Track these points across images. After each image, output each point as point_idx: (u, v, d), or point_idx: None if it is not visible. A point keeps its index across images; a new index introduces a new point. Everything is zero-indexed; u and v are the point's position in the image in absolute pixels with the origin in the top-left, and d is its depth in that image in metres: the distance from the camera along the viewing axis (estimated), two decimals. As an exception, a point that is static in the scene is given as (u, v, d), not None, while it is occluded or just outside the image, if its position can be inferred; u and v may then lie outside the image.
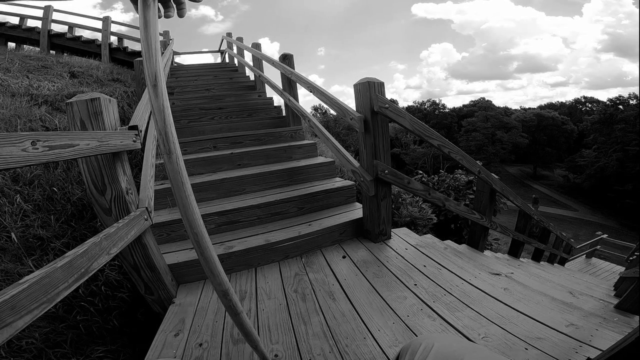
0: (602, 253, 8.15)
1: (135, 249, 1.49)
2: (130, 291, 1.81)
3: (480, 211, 2.75)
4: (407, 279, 1.81)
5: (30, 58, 5.42)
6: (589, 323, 1.55)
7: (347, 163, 2.32)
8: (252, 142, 3.53)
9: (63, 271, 0.86)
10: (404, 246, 2.24)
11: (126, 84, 5.44)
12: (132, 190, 1.48)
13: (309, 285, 1.80)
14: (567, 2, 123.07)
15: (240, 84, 6.05)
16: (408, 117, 2.04)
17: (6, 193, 2.10)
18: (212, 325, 1.51)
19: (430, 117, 49.34)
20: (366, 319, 1.47)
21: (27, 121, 2.95)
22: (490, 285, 1.77)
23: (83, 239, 2.05)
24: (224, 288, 0.72)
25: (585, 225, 24.50)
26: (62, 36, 7.42)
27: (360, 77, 2.12)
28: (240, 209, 2.37)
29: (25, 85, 3.94)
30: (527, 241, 3.63)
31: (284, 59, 3.77)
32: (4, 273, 1.64)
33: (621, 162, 28.38)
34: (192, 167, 2.95)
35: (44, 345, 1.43)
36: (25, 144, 0.80)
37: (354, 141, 26.25)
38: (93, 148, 1.11)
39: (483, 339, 1.31)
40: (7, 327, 0.67)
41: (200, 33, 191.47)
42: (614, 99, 35.04)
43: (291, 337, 1.39)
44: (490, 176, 2.61)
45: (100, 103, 1.30)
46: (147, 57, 0.59)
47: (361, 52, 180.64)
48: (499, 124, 39.90)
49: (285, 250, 2.14)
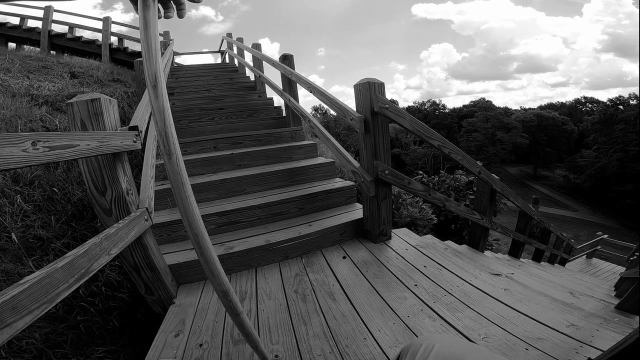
0: (602, 253, 8.14)
1: (135, 250, 1.49)
2: (130, 291, 1.81)
3: (480, 212, 2.75)
4: (408, 279, 1.81)
5: (30, 58, 5.43)
6: (590, 323, 1.55)
7: (347, 163, 2.32)
8: (253, 143, 3.53)
9: (63, 271, 0.86)
10: (404, 246, 2.24)
11: (126, 84, 5.45)
12: (133, 190, 1.48)
13: (309, 286, 1.80)
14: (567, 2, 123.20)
15: (241, 84, 6.05)
16: (408, 117, 2.04)
17: (7, 193, 2.10)
18: (213, 325, 1.51)
19: (431, 117, 49.33)
20: (366, 320, 1.47)
21: (27, 121, 2.95)
22: (490, 286, 1.77)
23: (83, 239, 2.05)
24: (224, 288, 0.72)
25: (586, 225, 24.48)
26: (62, 36, 7.44)
27: (361, 78, 2.12)
28: (240, 209, 2.37)
29: (25, 85, 3.95)
30: (527, 242, 3.63)
31: (284, 60, 3.78)
32: (4, 273, 1.64)
33: (621, 162, 28.36)
34: (193, 168, 2.95)
35: (44, 346, 1.43)
36: (26, 145, 0.80)
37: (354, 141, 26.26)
38: (93, 148, 1.11)
39: (483, 339, 1.31)
40: (8, 328, 0.67)
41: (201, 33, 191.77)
42: (614, 99, 35.00)
43: (291, 338, 1.39)
44: (491, 176, 2.61)
45: (101, 104, 1.30)
46: (147, 57, 0.60)
47: (361, 53, 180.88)
48: (499, 124, 39.89)
49: (285, 251, 2.14)
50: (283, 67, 3.57)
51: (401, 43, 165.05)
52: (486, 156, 36.10)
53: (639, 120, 29.69)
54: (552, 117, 40.02)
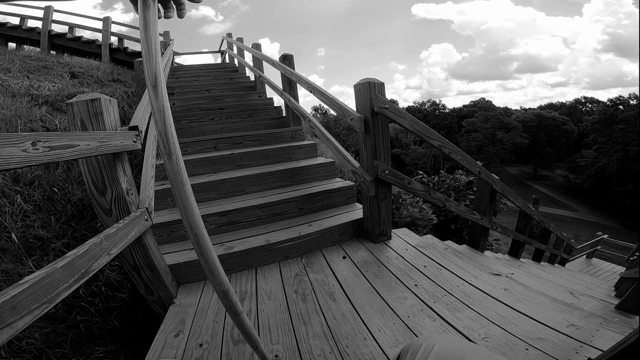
0: (602, 253, 8.14)
1: (135, 250, 1.49)
2: (130, 291, 1.81)
3: (480, 212, 2.75)
4: (408, 279, 1.81)
5: (30, 58, 5.43)
6: (590, 323, 1.55)
7: (347, 163, 2.32)
8: (253, 143, 3.54)
9: (63, 271, 0.86)
10: (404, 246, 2.24)
11: (126, 84, 5.45)
12: (133, 190, 1.48)
13: (309, 286, 1.80)
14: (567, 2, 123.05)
15: (241, 84, 6.06)
16: (408, 117, 2.04)
17: (7, 193, 2.10)
18: (213, 325, 1.51)
19: (431, 117, 49.33)
20: (366, 320, 1.47)
21: (27, 121, 2.95)
22: (490, 286, 1.77)
23: (83, 239, 2.05)
24: (224, 288, 0.72)
25: (586, 225, 24.48)
26: (62, 36, 7.44)
27: (361, 78, 2.12)
28: (240, 209, 2.37)
29: (25, 85, 3.95)
30: (527, 242, 3.63)
31: (284, 60, 3.78)
32: (4, 273, 1.64)
33: (621, 162, 28.35)
34: (193, 168, 2.95)
35: (44, 346, 1.43)
36: (26, 145, 0.80)
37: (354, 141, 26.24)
38: (93, 149, 1.11)
39: (483, 339, 1.31)
40: (8, 328, 0.67)
41: (201, 33, 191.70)
42: (614, 99, 34.97)
43: (291, 338, 1.39)
44: (491, 177, 2.61)
45: (101, 104, 1.30)
46: (147, 57, 0.60)
47: (361, 53, 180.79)
48: (499, 124, 39.88)
49: (285, 251, 2.14)
50: (283, 67, 3.57)
51: (401, 43, 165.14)
52: (486, 156, 36.09)
53: (639, 120, 29.68)
54: (552, 117, 40.01)
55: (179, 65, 7.76)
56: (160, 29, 7.29)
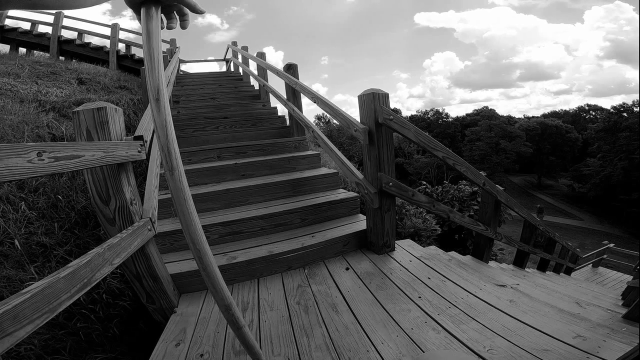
0: (609, 262, 8.04)
1: (138, 259, 1.49)
2: (131, 300, 1.81)
3: (485, 222, 2.73)
4: (411, 291, 1.79)
5: (39, 64, 5.52)
6: (597, 334, 1.52)
7: (351, 175, 2.32)
8: (256, 152, 3.54)
9: (66, 281, 0.86)
10: (407, 258, 2.23)
11: (133, 91, 5.51)
12: (136, 200, 1.48)
13: (311, 297, 1.79)
14: (568, 9, 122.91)
15: (245, 93, 6.09)
16: (413, 128, 2.04)
17: (11, 200, 2.11)
18: (214, 336, 1.50)
19: (434, 126, 49.42)
20: (369, 332, 1.46)
21: (34, 127, 2.99)
22: (495, 297, 1.75)
23: (86, 246, 2.05)
24: (227, 303, 0.71)
25: (591, 234, 24.25)
26: (71, 42, 7.57)
27: (364, 86, 2.16)
28: (243, 219, 2.36)
29: (34, 91, 4.01)
30: (532, 251, 3.60)
31: (288, 69, 3.80)
32: (5, 280, 1.65)
33: (626, 170, 28.14)
34: (197, 177, 2.95)
35: (43, 352, 1.42)
36: (31, 155, 0.80)
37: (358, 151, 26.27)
38: (98, 159, 1.12)
39: (488, 351, 1.29)
40: (9, 337, 0.67)
41: (207, 41, 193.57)
42: (617, 106, 34.89)
43: (293, 350, 1.37)
44: (495, 187, 2.59)
45: (107, 113, 1.32)
46: (150, 69, 0.59)
47: (364, 61, 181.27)
48: (503, 133, 39.86)
49: (288, 262, 2.13)
50: (287, 76, 3.59)
51: (404, 51, 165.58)
52: (490, 165, 36.02)
53: (639, 127, 29.50)
54: (556, 125, 39.96)
55: (185, 73, 7.84)
56: (166, 36, 7.19)
